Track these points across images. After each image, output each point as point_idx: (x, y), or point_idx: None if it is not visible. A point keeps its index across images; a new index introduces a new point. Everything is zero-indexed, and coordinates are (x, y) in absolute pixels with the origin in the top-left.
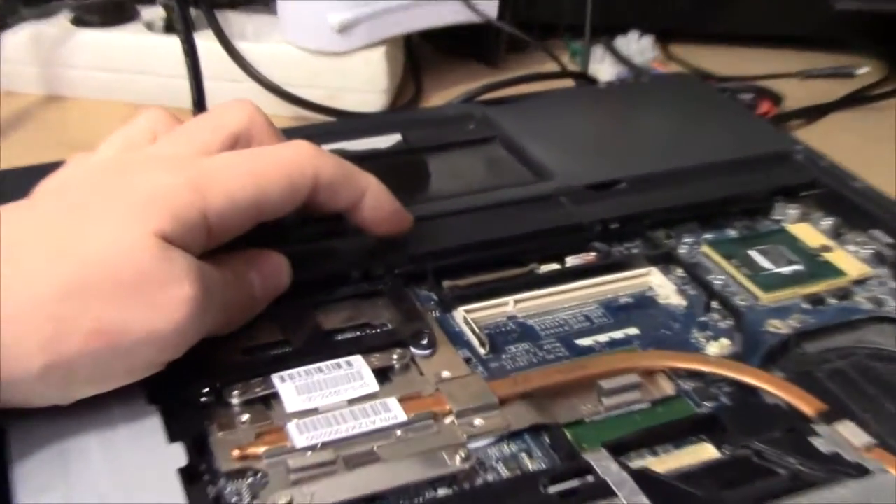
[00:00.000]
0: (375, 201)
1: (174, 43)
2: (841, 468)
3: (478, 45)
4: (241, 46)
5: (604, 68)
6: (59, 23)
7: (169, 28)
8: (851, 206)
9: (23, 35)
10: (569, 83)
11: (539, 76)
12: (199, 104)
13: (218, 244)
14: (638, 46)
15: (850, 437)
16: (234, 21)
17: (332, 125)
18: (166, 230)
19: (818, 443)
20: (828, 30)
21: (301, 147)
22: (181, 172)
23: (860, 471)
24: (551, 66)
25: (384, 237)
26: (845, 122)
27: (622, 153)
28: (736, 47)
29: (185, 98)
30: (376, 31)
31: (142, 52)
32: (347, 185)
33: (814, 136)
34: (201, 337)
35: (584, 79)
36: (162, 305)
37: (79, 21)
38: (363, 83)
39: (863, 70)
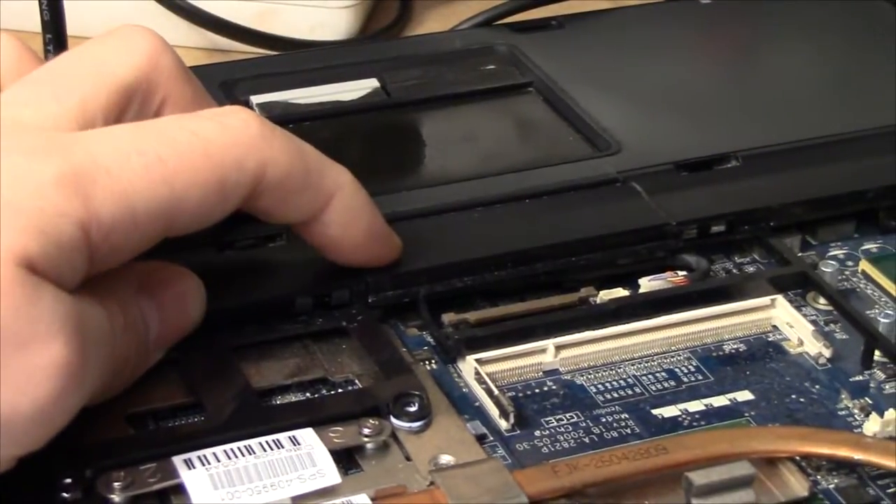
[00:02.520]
0: (347, 214)
1: None
2: None
3: None
4: None
5: None
6: None
7: None
8: None
9: None
10: None
11: None
12: (55, 29)
13: (102, 270)
14: None
15: None
16: None
17: (266, 61)
18: (30, 254)
19: None
20: None
21: (241, 123)
22: (49, 160)
23: None
24: None
25: (355, 266)
26: None
27: (735, 114)
28: None
29: (22, 18)
30: None
31: None
32: (307, 187)
33: None
34: (73, 415)
35: None
36: (20, 375)
37: None
38: None
39: None
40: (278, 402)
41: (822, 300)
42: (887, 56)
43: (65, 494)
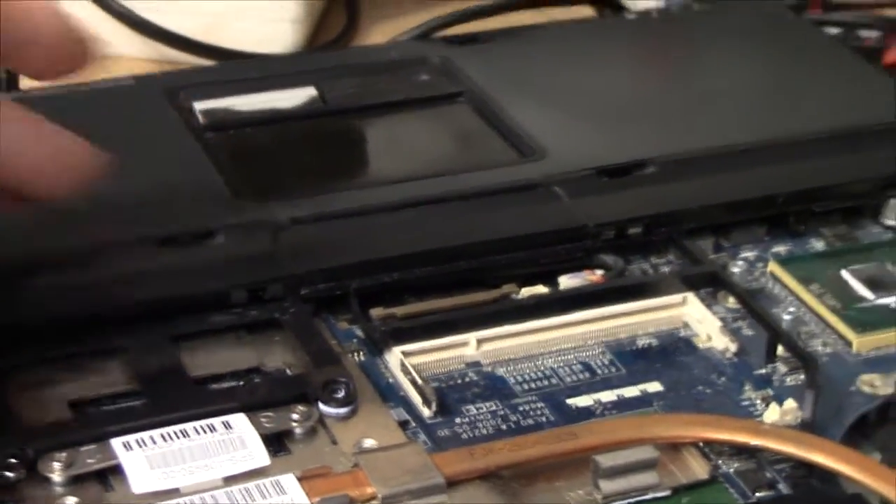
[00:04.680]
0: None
1: None
2: None
3: None
4: None
5: None
6: None
7: None
8: None
9: None
10: (584, 12)
11: (536, 0)
12: None
13: None
14: None
15: None
16: None
17: (206, 71)
18: None
19: None
20: None
21: None
22: None
23: None
24: None
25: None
26: None
27: (654, 122)
28: None
29: None
30: None
31: None
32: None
33: None
34: None
35: (610, 5)
36: None
37: None
38: (265, 7)
39: None
40: (212, 389)
41: (731, 299)
42: (800, 66)
43: (8, 474)
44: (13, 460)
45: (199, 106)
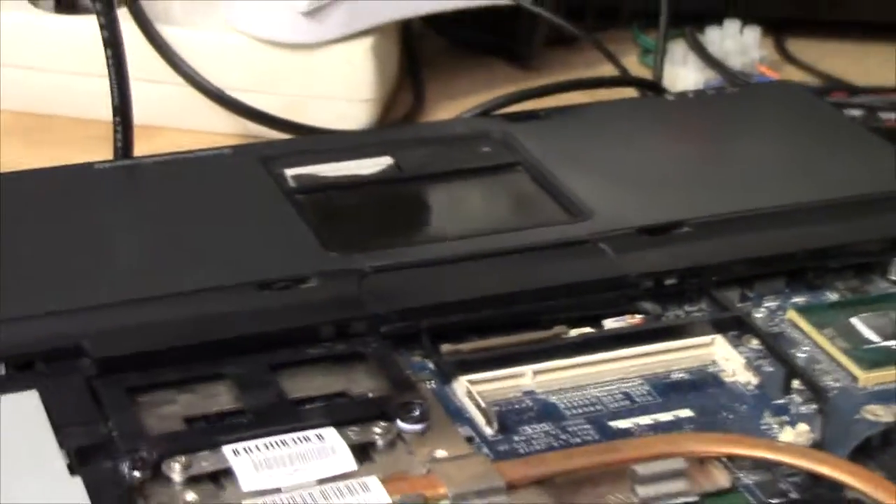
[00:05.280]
0: None
1: (68, 25)
2: None
3: (505, 38)
4: (167, 33)
5: (686, 73)
6: None
7: (62, 5)
8: None
9: None
10: (630, 93)
11: (585, 83)
12: (123, 112)
13: None
14: (738, 42)
15: None
16: None
17: (296, 142)
18: None
19: None
20: None
21: None
22: None
23: None
24: (608, 69)
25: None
26: None
27: (689, 188)
28: (879, 44)
29: (86, 103)
30: (361, 16)
31: (24, 37)
32: None
33: None
34: None
35: (652, 87)
36: None
37: None
38: (341, 89)
39: None
40: (307, 408)
41: (754, 341)
42: (818, 142)
43: (136, 473)
44: (140, 463)
45: (290, 172)
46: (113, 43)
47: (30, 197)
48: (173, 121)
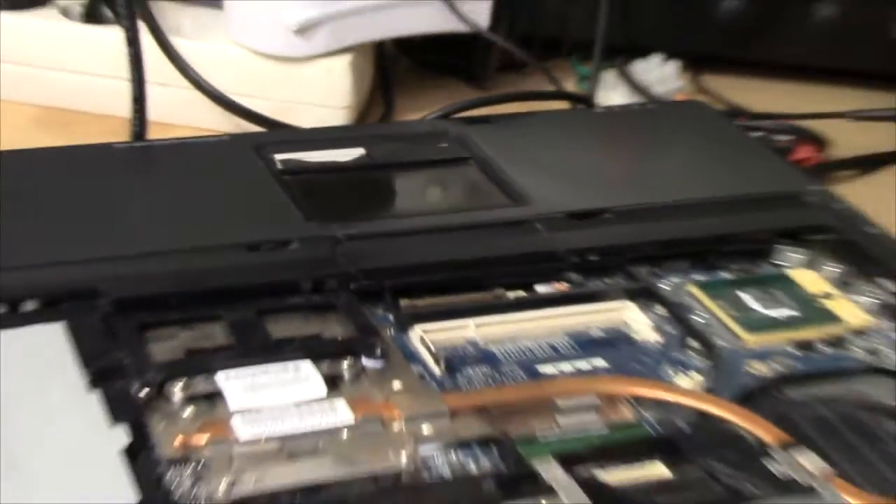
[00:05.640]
0: None
1: (94, 34)
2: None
3: (463, 61)
4: (178, 44)
5: (614, 97)
6: None
7: (89, 16)
8: (862, 254)
9: None
10: (566, 106)
11: (529, 95)
12: (139, 109)
13: None
14: (660, 73)
15: (808, 464)
16: (169, 12)
17: (285, 133)
18: None
19: (774, 468)
20: (889, 63)
21: None
22: None
23: (813, 496)
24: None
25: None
26: None
27: (612, 182)
28: (778, 80)
29: (106, 101)
30: (342, 36)
31: (55, 43)
32: None
33: (866, 191)
34: None
35: (584, 101)
36: None
37: None
38: (323, 96)
39: None
40: (286, 345)
41: (659, 307)
42: (721, 151)
43: (143, 392)
44: (147, 382)
45: (279, 157)
46: (133, 44)
47: (61, 169)
48: (181, 119)
